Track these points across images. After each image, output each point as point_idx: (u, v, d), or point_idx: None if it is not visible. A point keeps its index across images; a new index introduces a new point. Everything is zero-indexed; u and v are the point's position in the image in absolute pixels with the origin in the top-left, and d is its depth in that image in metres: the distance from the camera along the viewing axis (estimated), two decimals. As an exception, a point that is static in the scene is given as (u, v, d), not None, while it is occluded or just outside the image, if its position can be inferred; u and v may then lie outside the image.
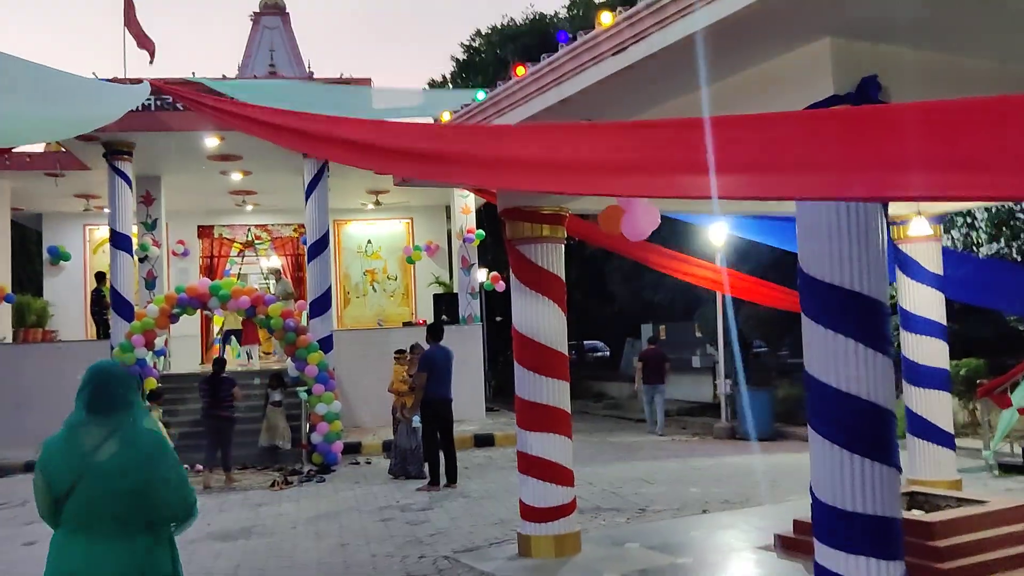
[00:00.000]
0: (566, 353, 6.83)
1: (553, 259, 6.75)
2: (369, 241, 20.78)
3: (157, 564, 3.30)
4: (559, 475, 6.67)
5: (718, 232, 13.39)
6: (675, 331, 20.96)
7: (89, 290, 17.44)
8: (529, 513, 6.73)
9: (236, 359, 16.94)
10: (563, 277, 6.84)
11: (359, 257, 20.71)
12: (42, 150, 15.63)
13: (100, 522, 3.18)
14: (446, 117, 6.35)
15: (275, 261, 21.60)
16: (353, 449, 13.91)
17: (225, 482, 11.30)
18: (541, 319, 6.67)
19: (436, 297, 18.13)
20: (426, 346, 11.09)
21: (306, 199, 14.22)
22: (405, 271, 20.77)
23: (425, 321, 18.64)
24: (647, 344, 17.73)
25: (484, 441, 14.42)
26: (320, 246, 14.19)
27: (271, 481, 11.39)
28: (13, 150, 14.94)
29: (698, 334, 19.46)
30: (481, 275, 17.10)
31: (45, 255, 18.31)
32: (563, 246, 6.88)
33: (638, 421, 17.31)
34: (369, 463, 13.14)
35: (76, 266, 18.96)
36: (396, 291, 20.81)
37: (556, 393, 6.68)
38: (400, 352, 11.31)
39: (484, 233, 17.22)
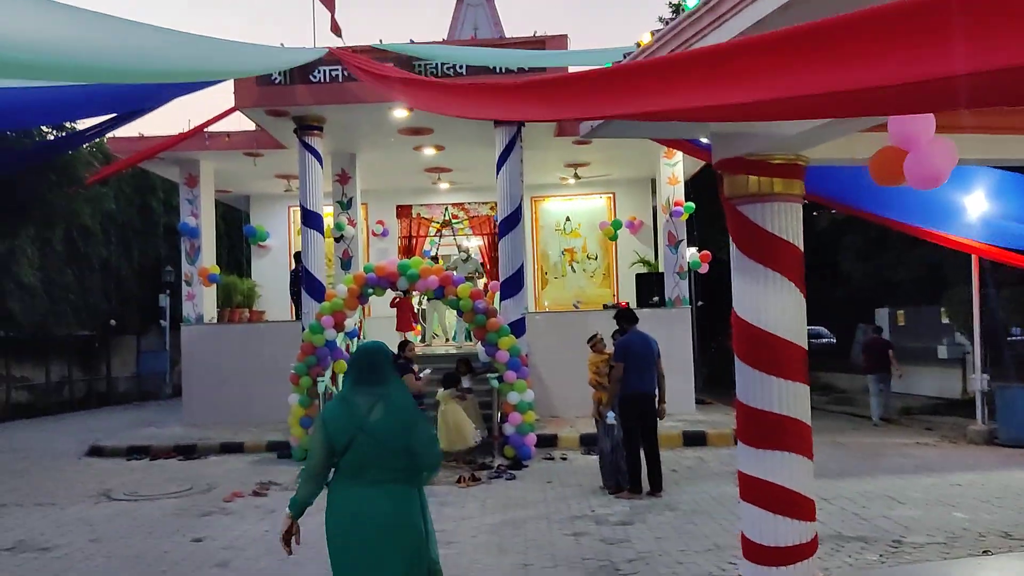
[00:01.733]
0: (805, 346, 5.22)
1: (787, 222, 5.16)
2: (568, 218, 19.60)
3: (414, 506, 4.04)
4: (795, 506, 5.10)
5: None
6: (917, 316, 18.31)
7: (287, 270, 17.39)
8: (753, 552, 5.20)
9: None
10: (801, 246, 5.23)
11: (557, 235, 19.59)
12: (227, 128, 15.58)
13: (372, 471, 3.91)
14: (646, 39, 4.92)
15: (473, 241, 20.95)
16: (548, 442, 12.79)
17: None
18: (771, 302, 5.12)
19: (640, 277, 16.68)
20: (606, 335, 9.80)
21: (497, 171, 13.19)
22: (606, 250, 19.42)
23: (627, 304, 17.24)
24: (870, 332, 15.65)
25: (694, 440, 12.83)
26: (512, 221, 13.12)
27: (458, 476, 10.44)
28: (210, 130, 14.93)
29: (945, 320, 16.80)
30: (691, 253, 15.43)
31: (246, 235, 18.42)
32: (800, 207, 5.27)
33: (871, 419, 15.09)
34: (565, 459, 11.96)
35: (281, 247, 19.09)
36: (596, 271, 19.52)
37: (792, 399, 5.10)
38: (593, 339, 9.98)
39: (694, 206, 15.54)
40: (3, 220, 11.28)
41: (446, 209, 19.81)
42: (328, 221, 15.52)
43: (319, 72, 12.41)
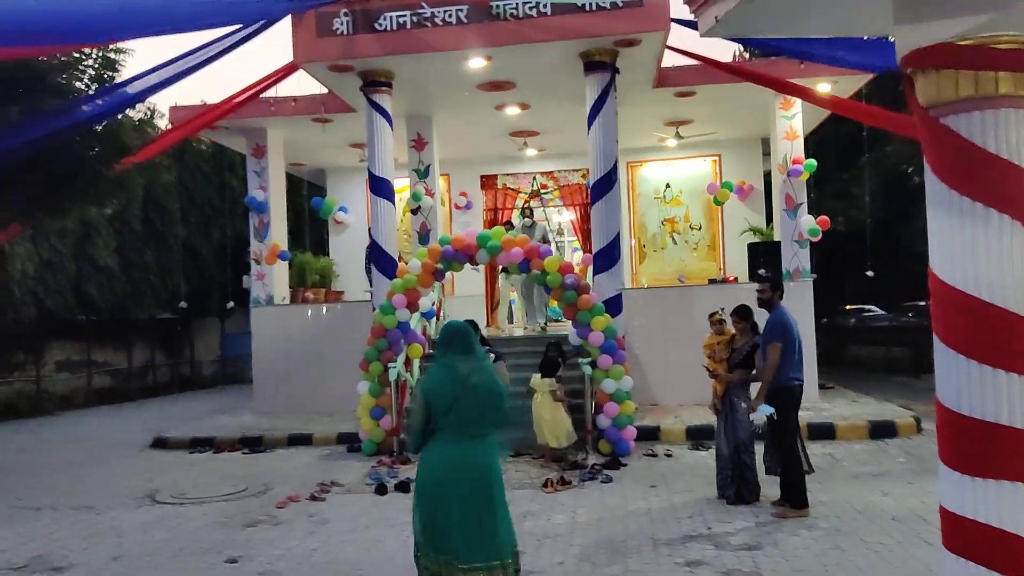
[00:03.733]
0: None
1: (1022, 138, 3.43)
2: (668, 185, 17.76)
3: (497, 458, 4.73)
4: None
5: None
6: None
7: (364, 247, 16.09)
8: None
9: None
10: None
11: (656, 204, 17.77)
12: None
13: (469, 428, 4.55)
14: None
15: (565, 215, 19.34)
16: (649, 435, 11.17)
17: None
18: (996, 258, 3.41)
19: (752, 247, 14.78)
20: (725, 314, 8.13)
21: (589, 126, 11.53)
22: (711, 218, 17.54)
23: (735, 278, 15.42)
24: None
25: (821, 432, 10.98)
26: (606, 184, 11.44)
27: (544, 479, 8.93)
28: (275, 95, 13.74)
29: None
30: (807, 222, 13.45)
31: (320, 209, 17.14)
32: (1037, 116, 3.52)
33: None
34: (670, 455, 10.34)
35: (359, 223, 17.85)
36: (700, 242, 17.65)
37: (1030, 405, 3.39)
38: (713, 315, 8.26)
39: (815, 163, 13.55)
40: (47, 196, 10.22)
41: (534, 178, 18.22)
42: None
43: (385, 18, 10.99)
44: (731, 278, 15.56)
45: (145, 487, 9.54)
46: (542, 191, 18.31)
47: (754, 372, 7.81)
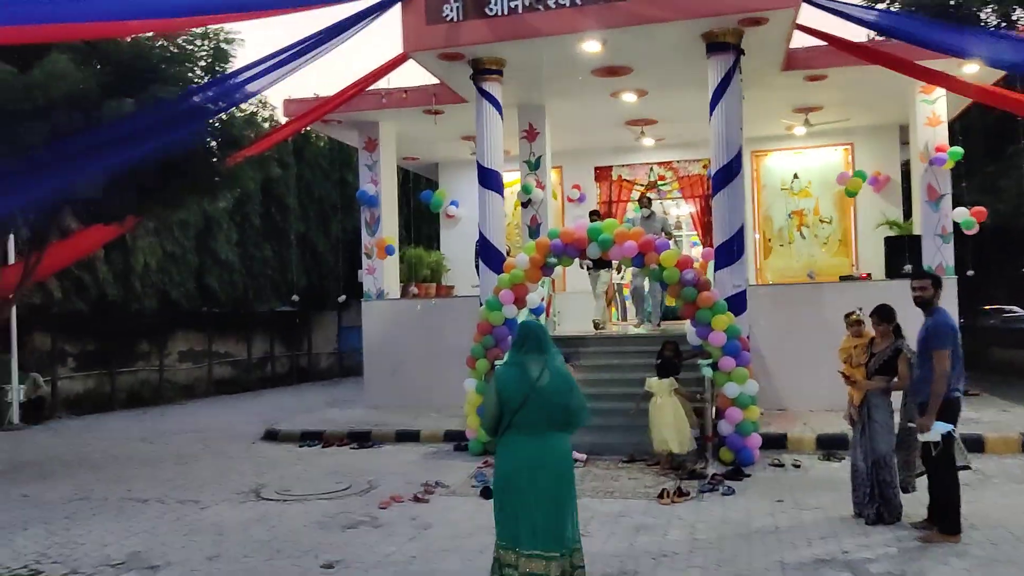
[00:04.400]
0: None
1: None
2: (796, 175, 16.74)
3: (569, 454, 4.96)
4: None
5: None
6: None
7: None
8: None
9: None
10: None
11: (783, 196, 16.78)
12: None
13: (540, 426, 4.75)
14: None
15: (684, 207, 18.51)
16: (775, 443, 10.41)
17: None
18: None
19: (889, 242, 13.70)
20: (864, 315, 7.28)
21: (711, 110, 10.80)
22: (843, 211, 16.43)
23: (868, 275, 14.36)
24: None
25: (969, 445, 9.71)
26: (729, 172, 10.68)
27: (660, 490, 8.32)
28: (387, 87, 13.56)
29: None
30: (959, 213, 12.28)
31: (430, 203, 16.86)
32: None
33: None
34: (798, 466, 9.54)
35: (470, 216, 17.54)
36: (831, 237, 16.56)
37: None
38: (851, 316, 7.44)
39: (961, 151, 12.39)
40: (162, 188, 10.28)
41: (651, 169, 17.51)
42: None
43: (496, 3, 10.56)
44: (864, 275, 14.48)
45: (251, 482, 9.44)
46: (659, 182, 17.59)
47: (894, 380, 7.00)
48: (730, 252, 10.65)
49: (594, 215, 13.71)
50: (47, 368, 16.40)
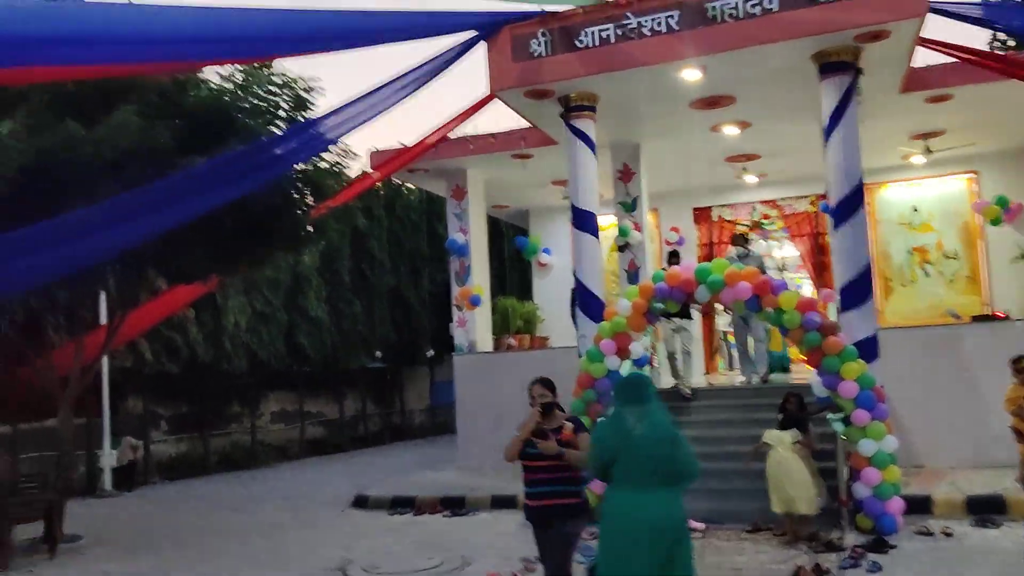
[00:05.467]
0: None
1: None
2: (915, 208, 15.43)
3: (678, 509, 4.68)
4: None
5: None
6: None
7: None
8: None
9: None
10: None
11: (902, 231, 15.46)
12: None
13: (640, 478, 4.60)
14: None
15: (787, 249, 17.32)
16: (918, 507, 9.11)
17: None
18: None
19: (1037, 276, 12.33)
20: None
21: (826, 138, 9.79)
22: (970, 245, 15.04)
23: (1007, 314, 12.92)
24: None
25: None
26: (851, 204, 9.61)
27: (795, 568, 7.23)
28: (473, 133, 13.07)
29: None
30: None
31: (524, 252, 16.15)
32: None
33: None
34: (949, 534, 8.30)
35: (563, 265, 16.81)
36: (957, 273, 15.14)
37: None
38: (1020, 361, 6.32)
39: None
40: (244, 243, 9.88)
41: (754, 208, 16.47)
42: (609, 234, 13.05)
43: (586, 34, 9.90)
44: (1001, 314, 13.05)
45: (339, 557, 8.71)
46: (763, 222, 16.51)
47: None
48: (857, 292, 9.54)
49: (673, 257, 12.72)
50: (139, 432, 16.23)
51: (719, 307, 13.97)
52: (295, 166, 10.17)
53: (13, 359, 11.36)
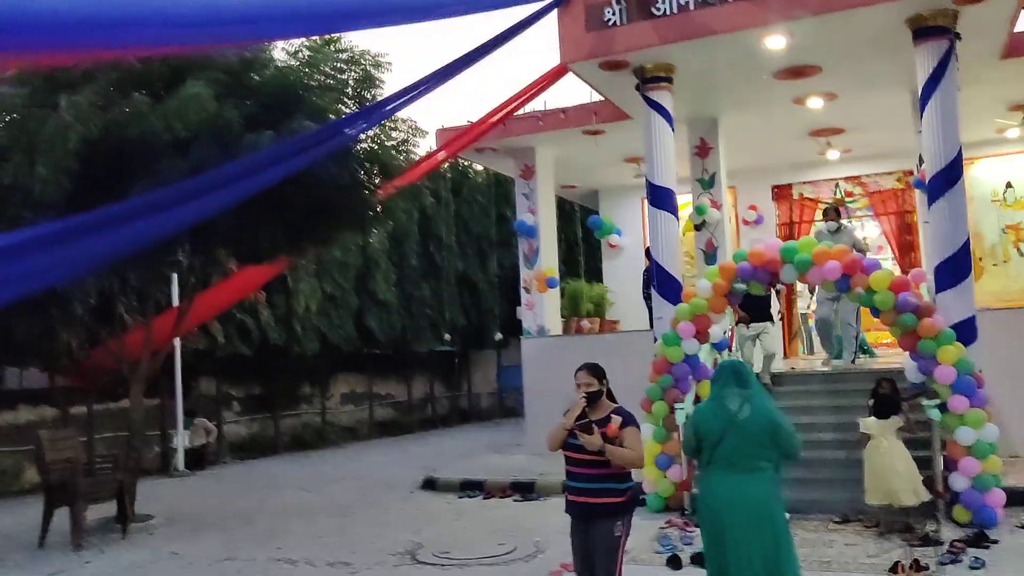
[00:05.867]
0: None
1: None
2: (1009, 184, 14.58)
3: (775, 492, 4.77)
4: None
5: None
6: None
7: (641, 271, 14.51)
8: None
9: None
10: None
11: (995, 208, 14.62)
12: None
13: (740, 461, 4.70)
14: None
15: (869, 228, 16.53)
16: (1017, 499, 8.52)
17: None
18: None
19: None
20: None
21: (922, 106, 9.15)
22: (1068, 223, 14.17)
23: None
24: None
25: None
26: (949, 177, 8.97)
27: (892, 562, 6.77)
28: (543, 109, 12.69)
29: None
30: None
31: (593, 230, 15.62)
32: None
33: None
34: (1056, 529, 7.72)
35: (635, 246, 16.36)
36: (1055, 252, 14.29)
37: None
38: None
39: None
40: (311, 224, 9.74)
41: (836, 185, 15.77)
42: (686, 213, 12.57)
43: (663, 1, 9.45)
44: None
45: (408, 540, 8.52)
46: (847, 199, 15.80)
47: None
48: (955, 271, 8.92)
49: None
50: (212, 413, 16.37)
51: (800, 287, 13.37)
52: (361, 145, 10.00)
53: (87, 341, 11.48)
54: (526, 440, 13.74)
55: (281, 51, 10.00)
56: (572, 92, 11.14)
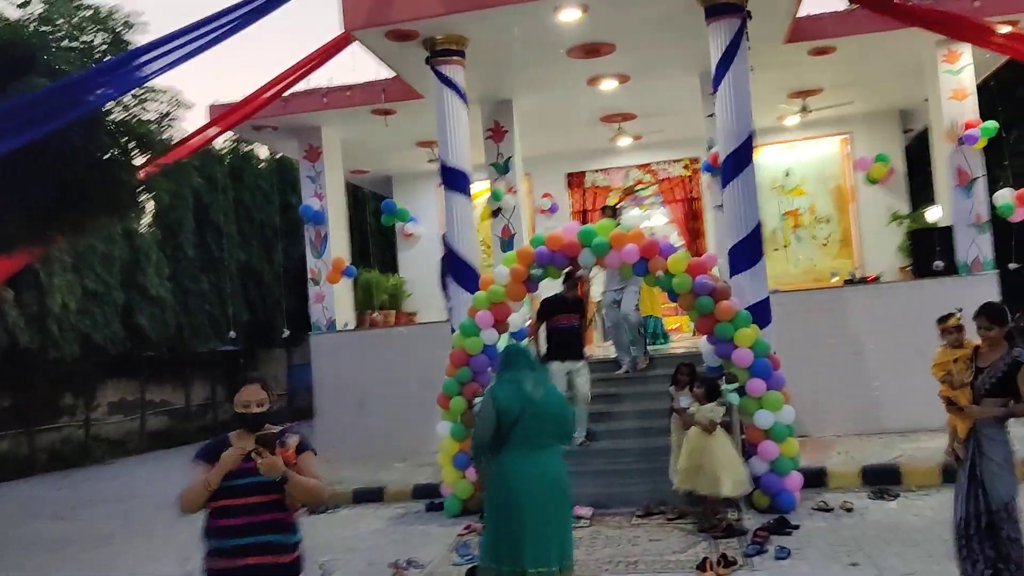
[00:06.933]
0: None
1: None
2: (787, 172, 15.12)
3: (564, 467, 5.01)
4: None
5: None
6: None
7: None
8: None
9: None
10: None
11: (775, 195, 15.10)
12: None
13: (537, 439, 4.84)
14: None
15: (659, 216, 16.71)
16: (813, 480, 8.60)
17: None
18: None
19: (915, 237, 12.09)
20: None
21: (715, 85, 8.99)
22: (841, 209, 14.85)
23: (876, 277, 12.76)
24: None
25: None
26: (740, 160, 8.85)
27: (700, 558, 6.44)
28: (328, 85, 11.72)
29: None
30: (1003, 194, 10.69)
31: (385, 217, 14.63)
32: None
33: None
34: (850, 510, 7.78)
35: (431, 235, 15.67)
36: (830, 237, 14.96)
37: None
38: (948, 320, 5.63)
39: (996, 125, 10.81)
40: (60, 209, 8.32)
41: (628, 173, 15.81)
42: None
43: (456, -30, 8.77)
44: (871, 277, 12.86)
45: (178, 570, 7.39)
46: (637, 187, 15.88)
47: (1013, 404, 5.21)
48: (748, 253, 8.82)
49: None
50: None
51: (592, 274, 12.99)
52: (112, 116, 8.67)
53: None
54: (316, 442, 12.66)
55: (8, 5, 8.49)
56: (367, 70, 10.27)
